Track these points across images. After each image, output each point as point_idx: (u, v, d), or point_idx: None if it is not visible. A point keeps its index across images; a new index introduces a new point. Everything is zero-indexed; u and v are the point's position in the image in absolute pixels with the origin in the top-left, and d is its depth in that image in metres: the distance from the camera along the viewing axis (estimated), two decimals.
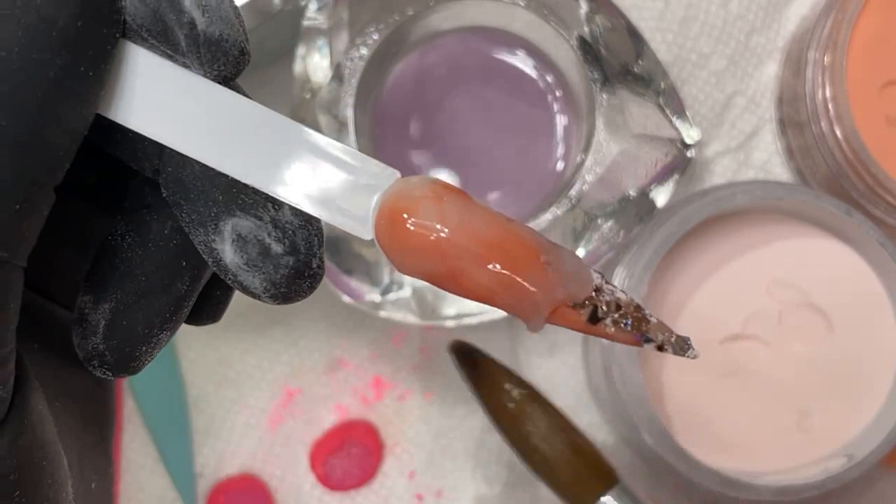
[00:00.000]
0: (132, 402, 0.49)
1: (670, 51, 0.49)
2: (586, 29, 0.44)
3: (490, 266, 0.22)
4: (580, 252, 0.45)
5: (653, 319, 0.24)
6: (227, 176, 0.23)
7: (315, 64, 0.45)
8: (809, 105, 0.45)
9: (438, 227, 0.22)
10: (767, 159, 0.50)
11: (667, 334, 0.24)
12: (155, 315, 0.24)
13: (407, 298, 0.45)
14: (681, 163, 0.45)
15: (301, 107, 0.45)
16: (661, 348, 0.24)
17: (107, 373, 0.24)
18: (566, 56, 0.45)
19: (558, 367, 0.50)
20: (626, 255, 0.45)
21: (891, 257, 0.44)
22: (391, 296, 0.45)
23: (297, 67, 0.45)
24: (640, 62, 0.45)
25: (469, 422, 0.50)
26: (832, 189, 0.46)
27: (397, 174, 0.23)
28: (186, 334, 0.50)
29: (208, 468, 0.49)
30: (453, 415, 0.50)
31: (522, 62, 0.47)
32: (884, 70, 0.44)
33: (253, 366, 0.50)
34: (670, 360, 0.46)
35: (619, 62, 0.44)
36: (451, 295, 0.45)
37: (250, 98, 0.23)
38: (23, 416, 0.21)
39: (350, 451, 0.49)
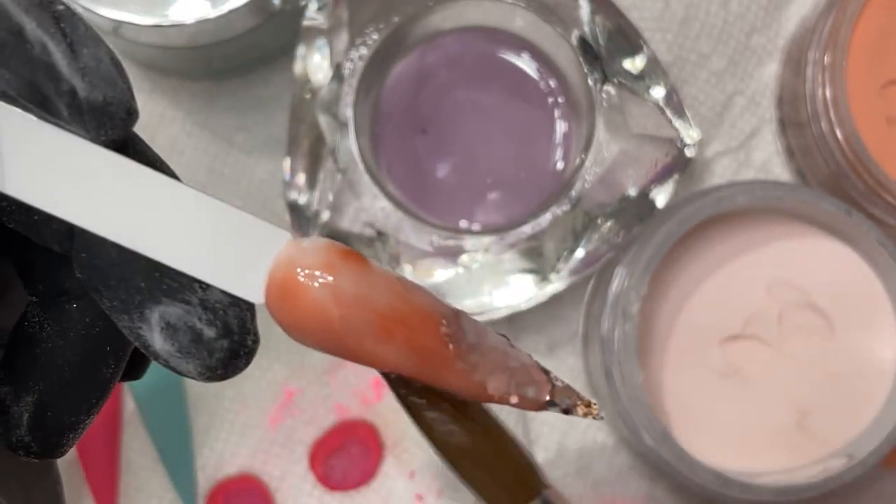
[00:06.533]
0: (132, 402, 0.49)
1: (670, 51, 0.49)
2: (586, 29, 0.44)
3: (387, 340, 0.21)
4: (580, 252, 0.45)
5: (559, 384, 0.23)
6: (146, 259, 0.21)
7: (315, 64, 0.45)
8: (809, 105, 0.45)
9: (331, 303, 0.21)
10: (767, 159, 0.50)
11: (573, 398, 0.23)
12: (81, 402, 0.23)
13: None
14: (681, 163, 0.45)
15: (301, 107, 0.45)
16: (567, 412, 0.23)
17: (32, 458, 0.23)
18: (566, 56, 0.45)
19: (558, 367, 0.50)
20: (626, 255, 0.45)
21: (891, 257, 0.44)
22: None
23: (297, 67, 0.45)
24: (640, 62, 0.45)
25: None
26: (832, 189, 0.46)
27: (288, 236, 0.21)
28: None
29: (208, 468, 0.49)
30: None
31: (522, 62, 0.47)
32: (884, 70, 0.44)
33: (253, 366, 0.50)
34: (670, 359, 0.46)
35: (619, 62, 0.44)
36: (450, 296, 0.45)
37: (147, 153, 0.21)
38: None
39: (350, 451, 0.49)
